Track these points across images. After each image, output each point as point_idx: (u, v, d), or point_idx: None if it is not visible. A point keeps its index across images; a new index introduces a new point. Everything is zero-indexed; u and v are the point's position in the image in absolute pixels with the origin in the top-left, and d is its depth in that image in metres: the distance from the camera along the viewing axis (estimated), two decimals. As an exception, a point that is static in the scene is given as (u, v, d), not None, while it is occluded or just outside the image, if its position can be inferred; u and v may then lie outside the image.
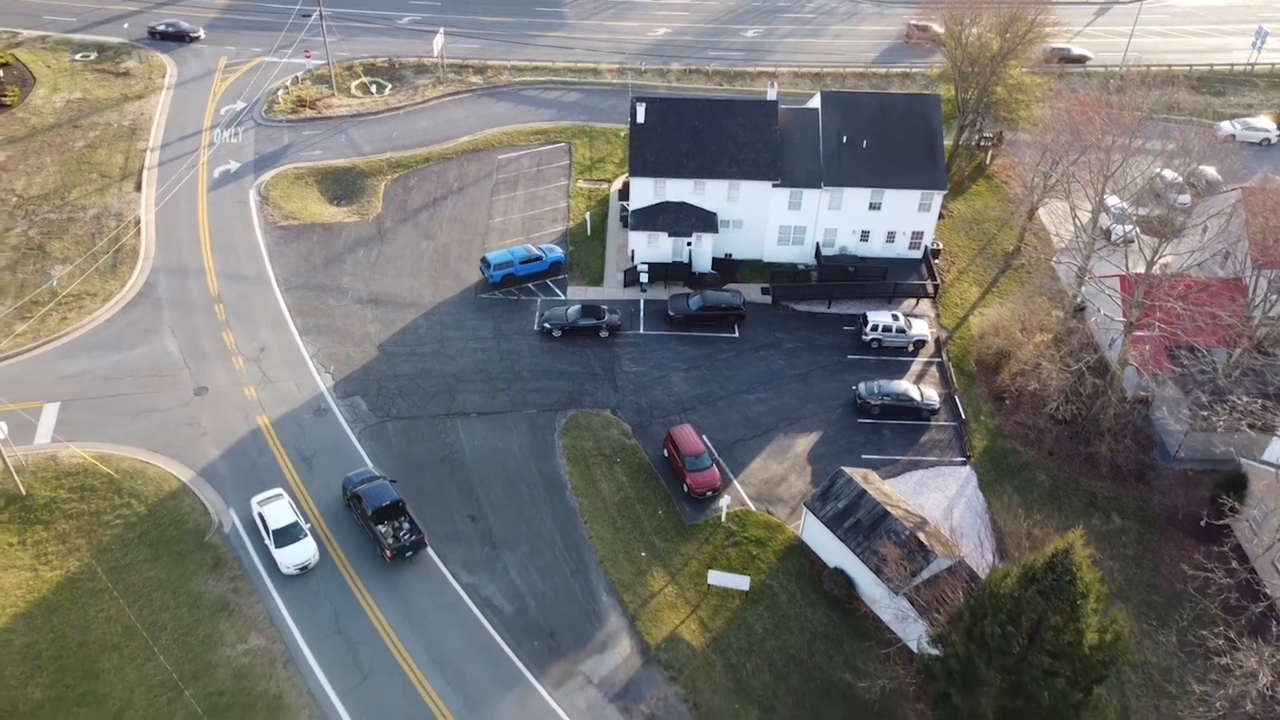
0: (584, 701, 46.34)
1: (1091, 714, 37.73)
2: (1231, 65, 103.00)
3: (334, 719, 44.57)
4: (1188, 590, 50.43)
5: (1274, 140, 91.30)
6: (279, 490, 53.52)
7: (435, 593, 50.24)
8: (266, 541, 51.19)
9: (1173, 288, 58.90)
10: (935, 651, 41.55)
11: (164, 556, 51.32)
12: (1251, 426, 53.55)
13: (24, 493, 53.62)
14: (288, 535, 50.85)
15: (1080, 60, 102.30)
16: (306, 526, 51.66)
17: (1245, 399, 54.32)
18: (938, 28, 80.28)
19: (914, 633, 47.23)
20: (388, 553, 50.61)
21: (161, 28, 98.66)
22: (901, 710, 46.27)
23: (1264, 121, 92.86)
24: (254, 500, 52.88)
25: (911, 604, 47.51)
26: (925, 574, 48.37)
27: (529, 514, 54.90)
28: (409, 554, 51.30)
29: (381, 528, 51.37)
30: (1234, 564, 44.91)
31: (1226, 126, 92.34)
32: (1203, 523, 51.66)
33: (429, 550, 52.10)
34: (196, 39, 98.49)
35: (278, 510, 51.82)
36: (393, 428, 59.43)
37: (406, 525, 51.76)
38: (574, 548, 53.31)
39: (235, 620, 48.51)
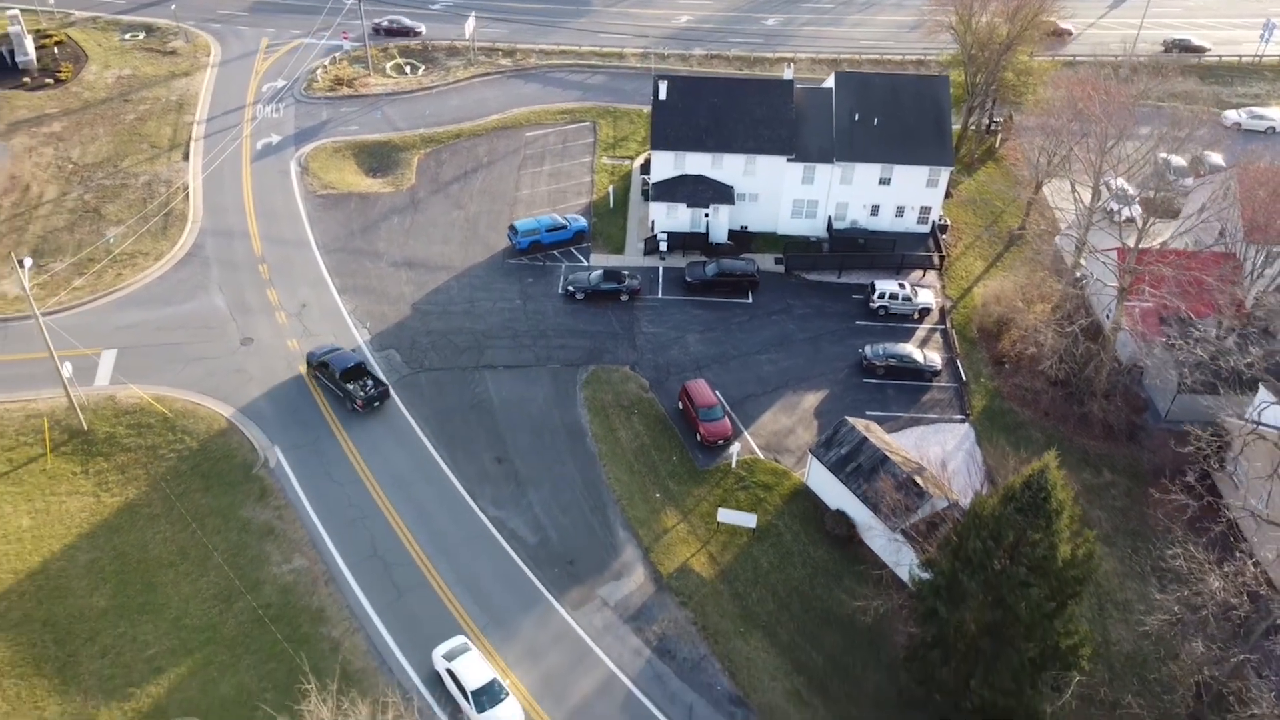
0: (600, 622, 50.11)
1: (1065, 624, 41.12)
2: (1240, 56, 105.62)
3: (370, 630, 48.51)
4: (1161, 521, 53.42)
5: (1279, 128, 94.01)
6: (464, 640, 47.04)
7: (465, 524, 54.11)
8: (462, 703, 44.68)
9: (1163, 257, 62.20)
10: (925, 575, 45.02)
11: (214, 486, 55.52)
12: (1232, 383, 56.63)
13: (86, 428, 57.99)
14: (488, 696, 44.47)
15: (1200, 50, 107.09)
16: (505, 684, 45.44)
17: (1235, 358, 57.35)
18: (948, 16, 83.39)
19: (909, 566, 50.68)
20: (358, 403, 58.47)
21: (385, 24, 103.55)
22: (893, 631, 49.81)
23: (1269, 110, 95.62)
24: (437, 653, 46.26)
25: (907, 539, 50.99)
26: (920, 513, 51.83)
27: (552, 457, 58.75)
28: (376, 404, 59.82)
29: (350, 385, 59.05)
30: (1197, 488, 47.80)
31: (1232, 115, 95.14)
32: (1187, 476, 54.85)
33: (456, 485, 56.02)
34: (419, 33, 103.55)
35: (472, 666, 45.11)
36: (425, 378, 63.43)
37: (370, 381, 60.07)
38: (593, 488, 57.11)
39: (280, 543, 52.61)
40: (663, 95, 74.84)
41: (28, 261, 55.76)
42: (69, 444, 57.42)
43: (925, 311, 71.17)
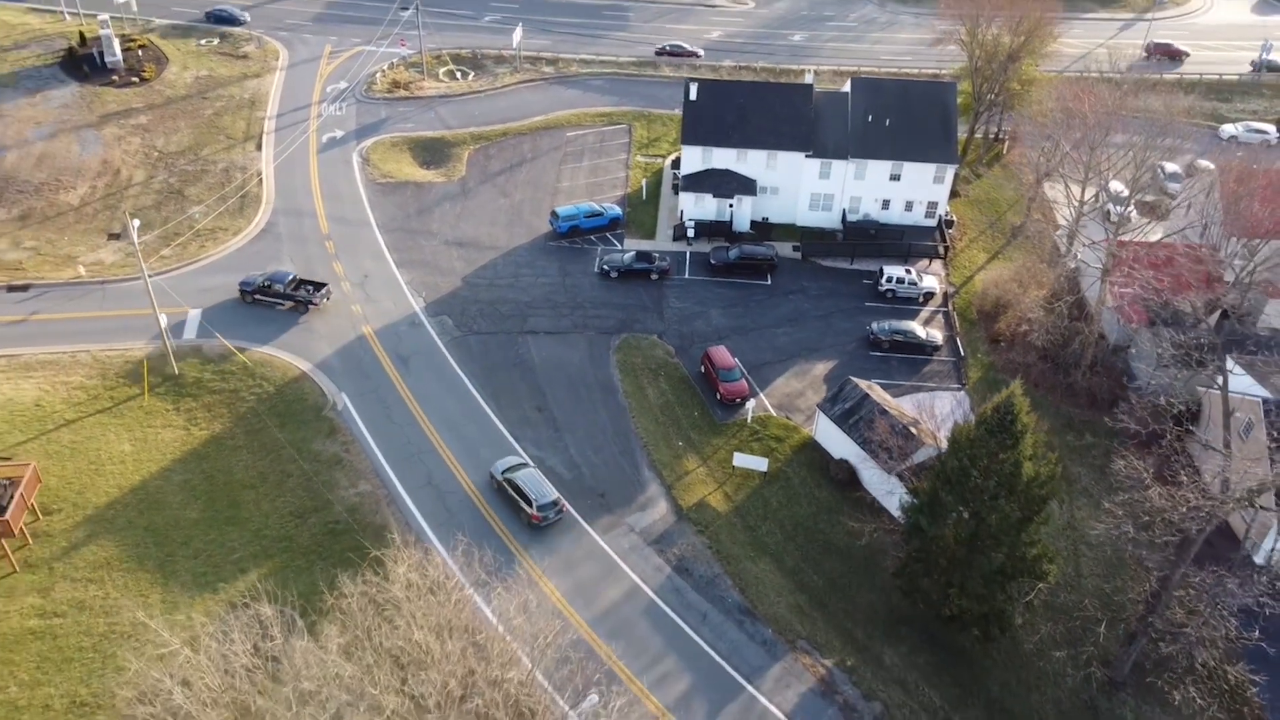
0: (627, 544, 56.82)
1: (1031, 535, 47.38)
2: (1240, 75, 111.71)
3: (426, 540, 55.49)
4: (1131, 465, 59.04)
5: (1273, 142, 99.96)
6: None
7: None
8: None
9: (1141, 246, 68.59)
10: (912, 499, 51.45)
11: (289, 424, 62.96)
12: (1201, 363, 62.61)
13: (177, 373, 65.73)
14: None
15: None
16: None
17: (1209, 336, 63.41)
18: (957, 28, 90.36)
19: (899, 499, 57.04)
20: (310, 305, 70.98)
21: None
22: (885, 559, 56.16)
23: (1264, 125, 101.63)
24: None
25: (900, 480, 57.36)
26: (914, 459, 58.23)
27: (586, 408, 65.76)
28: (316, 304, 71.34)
29: (299, 292, 71.57)
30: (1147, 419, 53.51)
31: (1229, 129, 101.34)
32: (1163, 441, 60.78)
33: (501, 428, 63.03)
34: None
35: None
36: (474, 340, 70.76)
37: (313, 285, 71.88)
38: (622, 435, 64.01)
39: (347, 471, 59.88)
40: (693, 96, 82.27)
41: (135, 222, 63.76)
42: (162, 386, 65.18)
43: (929, 295, 77.71)
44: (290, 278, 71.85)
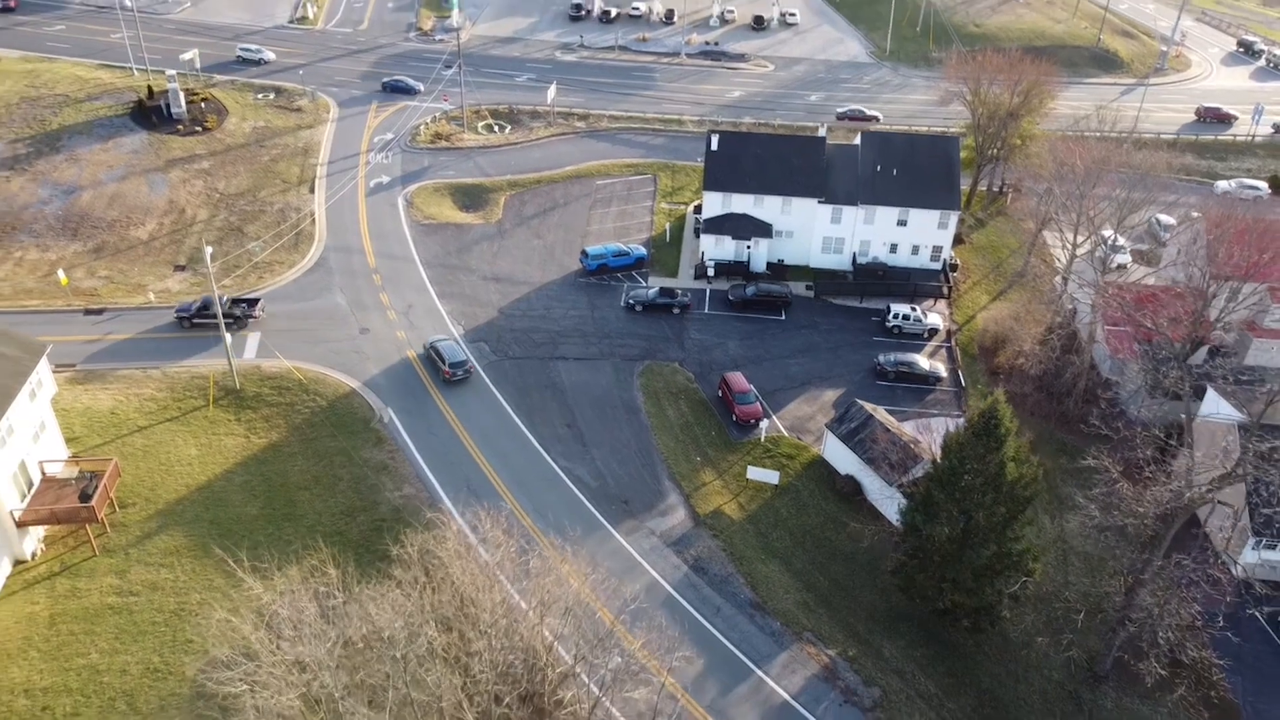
0: (648, 545, 61.85)
1: (1016, 531, 52.10)
2: (1234, 135, 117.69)
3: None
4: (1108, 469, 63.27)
5: (1265, 197, 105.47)
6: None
7: (540, 469, 66.56)
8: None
9: (1133, 287, 73.89)
10: (909, 502, 56.37)
11: (340, 434, 68.76)
12: (1178, 395, 67.40)
13: (239, 387, 71.86)
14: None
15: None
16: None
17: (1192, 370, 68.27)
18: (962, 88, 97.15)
19: (897, 507, 61.88)
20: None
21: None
22: (885, 563, 60.81)
23: (1256, 181, 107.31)
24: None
25: (901, 492, 62.23)
26: (913, 473, 63.15)
27: (611, 426, 71.23)
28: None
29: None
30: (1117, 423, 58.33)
31: (1223, 184, 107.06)
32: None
33: (533, 441, 68.52)
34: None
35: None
36: (509, 364, 76.63)
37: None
38: (645, 450, 69.37)
39: (393, 476, 65.44)
40: (714, 146, 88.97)
41: (209, 249, 70.49)
42: (225, 399, 71.27)
43: (933, 331, 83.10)
44: (224, 299, 77.46)
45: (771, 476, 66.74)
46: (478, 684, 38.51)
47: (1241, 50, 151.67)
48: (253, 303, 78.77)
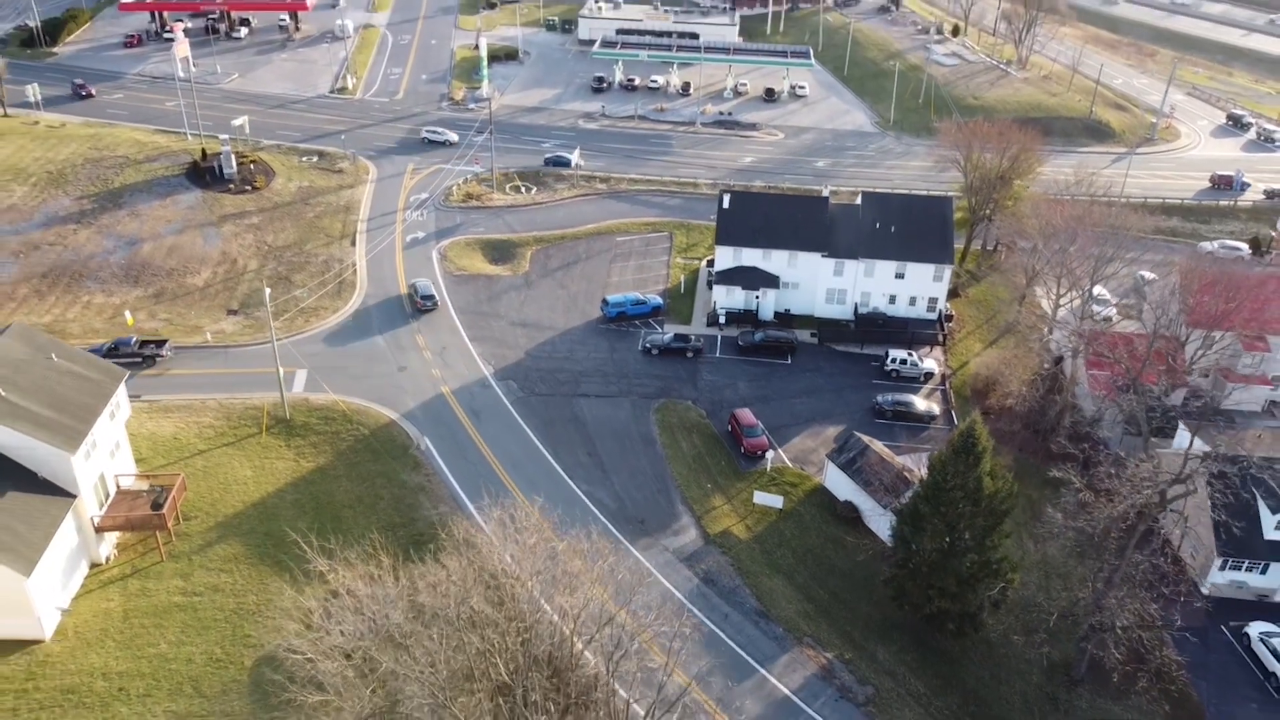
0: (662, 560, 67.58)
1: (995, 541, 57.71)
2: (1218, 201, 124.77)
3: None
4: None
5: (1246, 257, 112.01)
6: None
7: (563, 492, 72.57)
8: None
9: (1113, 334, 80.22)
10: (899, 516, 62.15)
11: (381, 459, 75.18)
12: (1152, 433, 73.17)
13: (289, 417, 78.58)
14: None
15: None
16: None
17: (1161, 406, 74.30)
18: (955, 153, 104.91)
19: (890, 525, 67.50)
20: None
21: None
22: (879, 576, 66.25)
23: (1237, 242, 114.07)
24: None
25: (893, 512, 67.93)
26: (904, 497, 68.84)
27: (629, 456, 77.41)
28: None
29: None
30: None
31: (1207, 245, 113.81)
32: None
33: (557, 468, 74.74)
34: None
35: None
36: (535, 400, 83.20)
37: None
38: (660, 476, 75.43)
39: (429, 496, 71.65)
40: (726, 205, 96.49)
41: (268, 290, 77.89)
42: (276, 427, 77.95)
43: (929, 375, 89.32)
44: (133, 341, 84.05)
45: (776, 501, 72.57)
46: (509, 649, 44.36)
47: (1231, 124, 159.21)
48: (160, 343, 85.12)
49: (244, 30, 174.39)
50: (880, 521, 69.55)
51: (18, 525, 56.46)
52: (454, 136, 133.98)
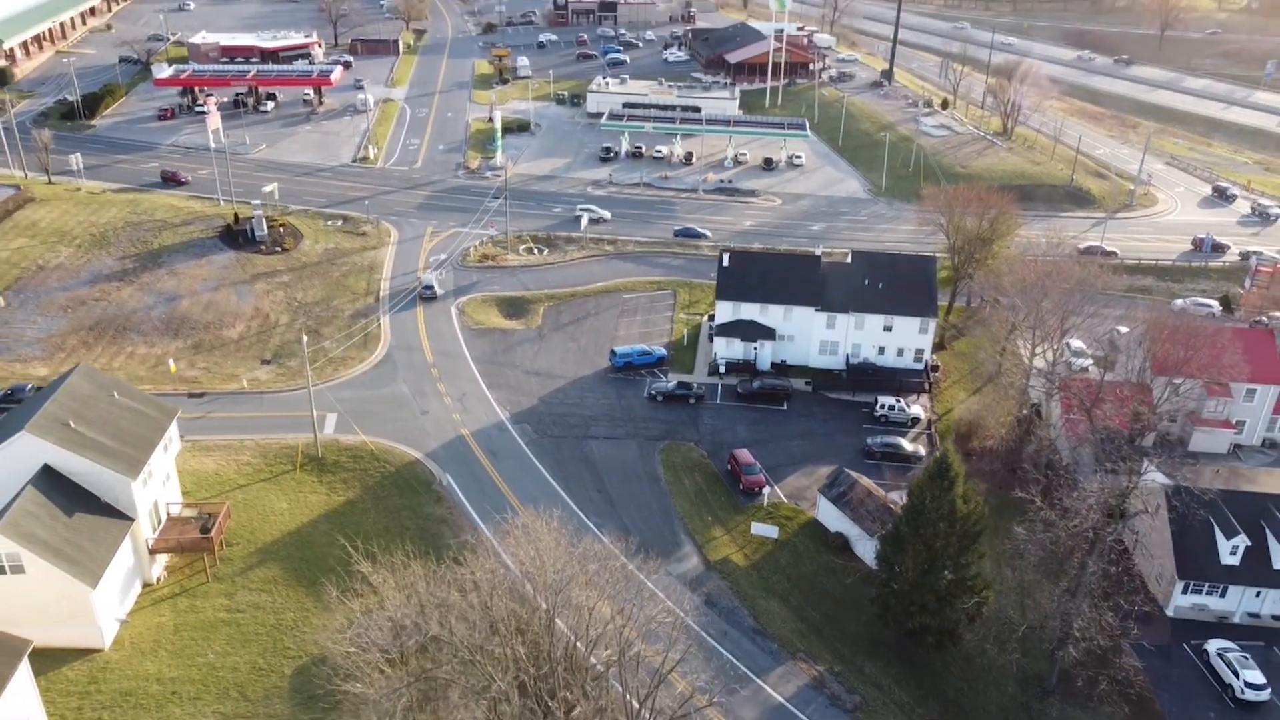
0: (665, 583, 73.02)
1: (970, 559, 63.46)
2: (1190, 262, 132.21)
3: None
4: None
5: (1217, 313, 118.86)
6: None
7: (576, 526, 78.34)
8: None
9: (1086, 382, 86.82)
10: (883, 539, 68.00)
11: (406, 493, 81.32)
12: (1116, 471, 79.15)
13: (321, 456, 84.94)
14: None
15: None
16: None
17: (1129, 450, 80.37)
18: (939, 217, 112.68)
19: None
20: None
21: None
22: (866, 599, 71.79)
23: (1208, 300, 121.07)
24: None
25: (879, 540, 73.66)
26: (889, 526, 74.64)
27: (636, 492, 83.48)
28: None
29: None
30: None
31: (1179, 302, 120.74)
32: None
33: (570, 502, 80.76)
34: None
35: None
36: (548, 442, 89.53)
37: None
38: (664, 510, 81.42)
39: (451, 526, 77.62)
40: (725, 263, 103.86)
41: (305, 338, 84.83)
42: (309, 465, 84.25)
43: (916, 420, 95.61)
44: (29, 387, 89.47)
45: (771, 531, 78.40)
46: (535, 642, 50.18)
47: (1216, 195, 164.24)
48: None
49: (270, 104, 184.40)
50: (867, 548, 75.27)
51: (84, 543, 62.58)
52: (607, 214, 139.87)
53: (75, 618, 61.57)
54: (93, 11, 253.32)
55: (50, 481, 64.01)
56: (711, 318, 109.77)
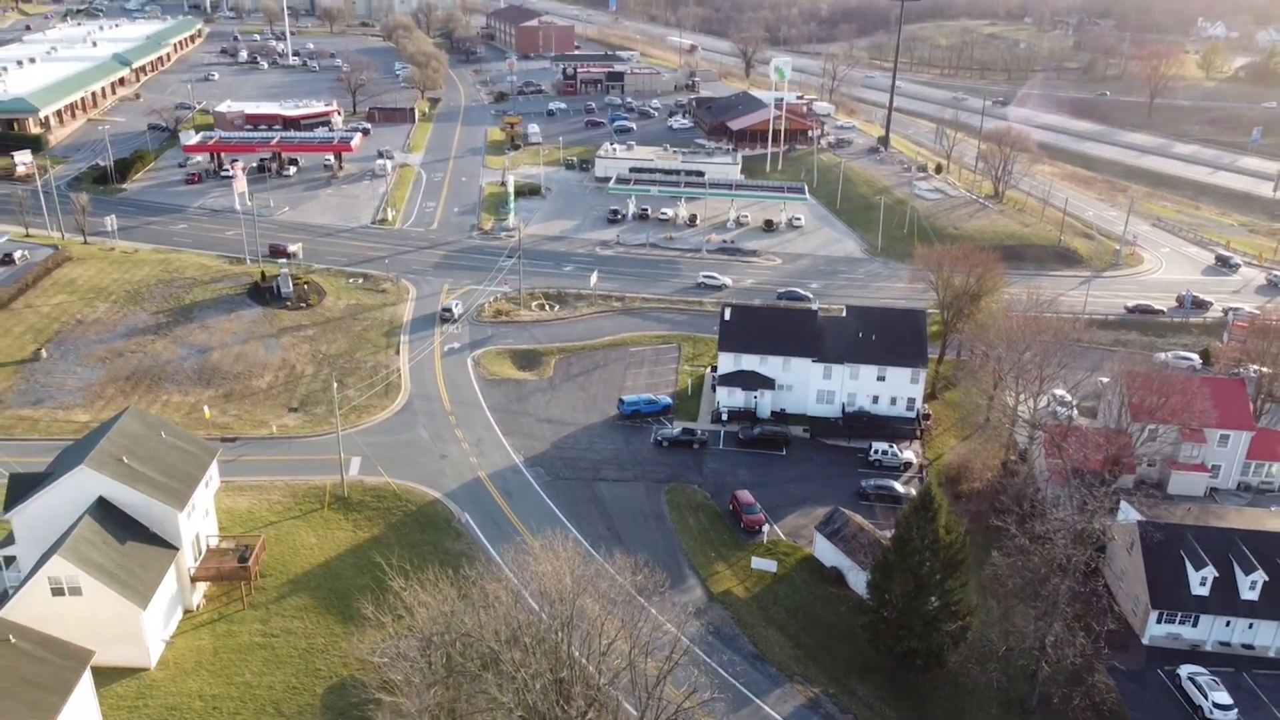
0: (670, 612, 77.97)
1: (952, 583, 68.40)
2: (1172, 318, 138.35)
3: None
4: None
5: (1198, 366, 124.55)
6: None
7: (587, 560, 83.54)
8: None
9: (1067, 428, 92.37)
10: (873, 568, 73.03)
11: (426, 530, 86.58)
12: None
13: (347, 495, 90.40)
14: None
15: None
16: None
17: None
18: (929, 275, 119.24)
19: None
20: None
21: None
22: (859, 627, 76.50)
23: (1189, 353, 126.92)
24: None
25: (871, 571, 78.53)
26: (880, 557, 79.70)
27: (643, 529, 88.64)
28: None
29: None
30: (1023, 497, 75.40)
31: (1161, 355, 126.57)
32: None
33: (581, 539, 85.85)
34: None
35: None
36: (560, 484, 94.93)
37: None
38: (670, 547, 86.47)
39: (470, 560, 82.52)
40: (727, 317, 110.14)
41: (335, 384, 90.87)
42: (336, 504, 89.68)
43: (908, 464, 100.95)
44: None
45: (770, 565, 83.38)
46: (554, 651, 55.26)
47: (1219, 264, 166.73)
48: None
49: (293, 169, 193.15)
50: (859, 579, 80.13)
51: (135, 568, 67.91)
52: (729, 280, 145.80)
53: (125, 637, 66.59)
54: (122, 81, 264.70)
55: (104, 511, 69.55)
56: (714, 369, 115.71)
